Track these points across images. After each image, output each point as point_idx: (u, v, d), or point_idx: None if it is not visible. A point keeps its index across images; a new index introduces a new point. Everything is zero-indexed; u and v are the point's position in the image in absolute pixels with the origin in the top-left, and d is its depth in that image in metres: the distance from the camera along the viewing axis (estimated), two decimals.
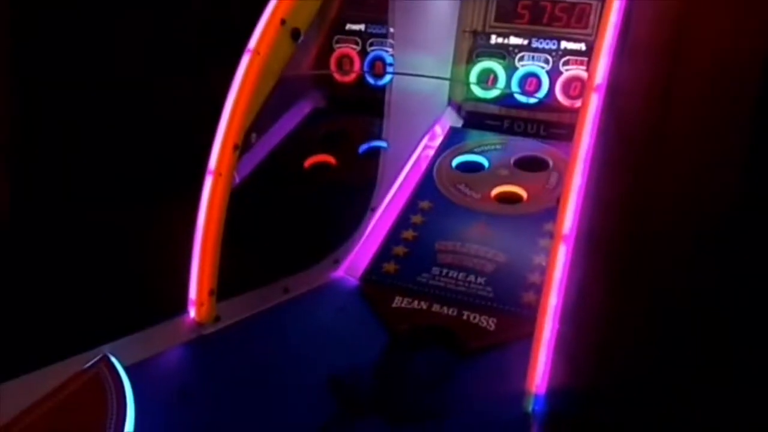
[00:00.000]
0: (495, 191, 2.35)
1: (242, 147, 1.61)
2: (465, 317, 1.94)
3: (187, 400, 1.44)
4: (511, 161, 2.44)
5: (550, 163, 2.41)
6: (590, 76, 1.34)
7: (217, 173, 1.53)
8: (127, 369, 1.30)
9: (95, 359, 1.30)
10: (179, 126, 2.16)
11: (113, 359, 1.31)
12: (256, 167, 2.47)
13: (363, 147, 2.58)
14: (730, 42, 2.12)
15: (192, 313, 1.57)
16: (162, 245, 1.65)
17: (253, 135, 1.58)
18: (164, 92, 2.28)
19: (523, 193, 2.32)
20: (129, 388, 1.26)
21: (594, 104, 1.30)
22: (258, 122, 2.29)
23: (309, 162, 2.61)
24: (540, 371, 1.29)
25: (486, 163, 2.47)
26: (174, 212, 1.66)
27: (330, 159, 2.62)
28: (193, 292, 1.55)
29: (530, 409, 1.27)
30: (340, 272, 2.09)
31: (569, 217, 1.27)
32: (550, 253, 1.29)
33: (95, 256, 1.85)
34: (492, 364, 1.80)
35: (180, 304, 1.60)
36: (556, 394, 1.48)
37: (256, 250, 2.05)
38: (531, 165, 2.42)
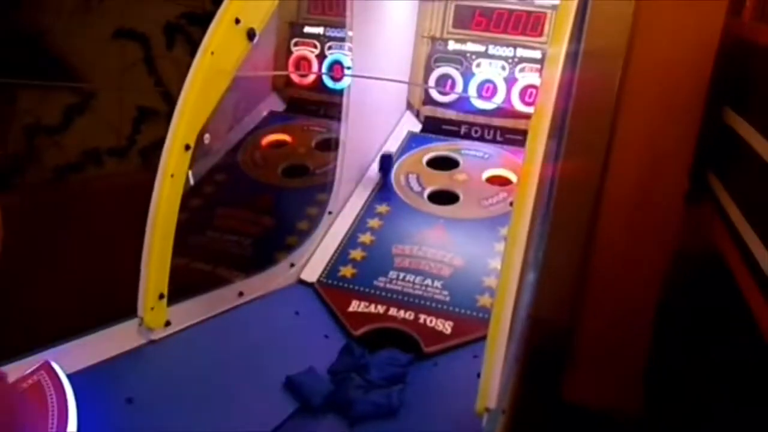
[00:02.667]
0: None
1: (195, 148, 1.57)
2: (422, 320, 1.95)
3: (135, 407, 1.39)
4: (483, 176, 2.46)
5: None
6: (543, 82, 1.36)
7: (168, 174, 1.49)
8: (70, 376, 1.24)
9: (35, 366, 1.24)
10: None
11: (55, 366, 1.25)
12: (211, 169, 2.44)
13: (318, 138, 2.58)
14: (680, 49, 2.20)
15: (141, 317, 1.52)
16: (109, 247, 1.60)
17: (207, 136, 1.54)
18: None
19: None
20: (71, 396, 1.21)
21: (547, 109, 1.32)
22: (213, 124, 2.26)
23: (266, 141, 2.59)
24: (494, 374, 1.29)
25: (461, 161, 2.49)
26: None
27: (287, 138, 2.61)
28: (141, 296, 1.51)
29: (482, 410, 1.27)
30: (296, 276, 2.06)
31: (523, 221, 1.28)
32: (504, 256, 1.30)
33: (39, 258, 1.78)
34: (447, 366, 1.81)
35: (128, 308, 1.55)
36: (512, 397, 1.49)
37: (210, 253, 2.02)
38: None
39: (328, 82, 2.80)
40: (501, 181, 2.41)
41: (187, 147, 1.51)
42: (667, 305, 2.53)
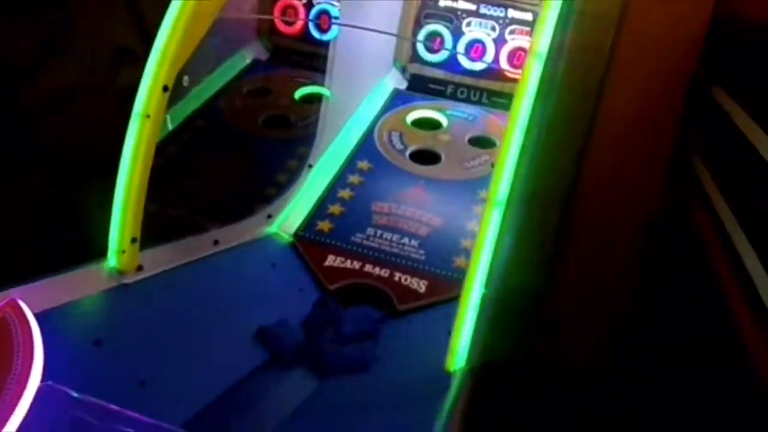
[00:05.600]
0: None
1: (174, 90, 1.52)
2: (397, 278, 1.95)
3: (104, 350, 1.38)
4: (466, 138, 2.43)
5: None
6: (533, 44, 1.33)
7: (144, 115, 1.45)
8: (36, 316, 1.22)
9: (1, 302, 1.21)
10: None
11: (22, 304, 1.23)
12: (192, 115, 2.38)
13: (301, 91, 2.53)
14: (673, 18, 2.17)
15: (112, 260, 1.50)
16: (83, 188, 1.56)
17: (185, 78, 1.49)
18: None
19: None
20: (38, 334, 1.19)
21: (534, 72, 1.30)
22: (194, 67, 2.19)
23: (248, 89, 2.54)
24: (464, 333, 1.30)
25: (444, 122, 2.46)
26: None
27: (270, 88, 2.56)
28: (113, 239, 1.48)
29: (452, 368, 1.29)
30: (273, 227, 2.04)
31: (503, 183, 1.27)
32: (482, 218, 1.30)
33: (10, 197, 1.73)
34: (420, 324, 1.82)
35: (100, 251, 1.52)
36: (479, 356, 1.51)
37: (187, 200, 1.98)
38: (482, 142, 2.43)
39: (315, 33, 2.72)
40: (484, 144, 2.40)
41: (165, 88, 1.47)
42: (641, 275, 2.57)
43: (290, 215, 2.08)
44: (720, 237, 1.82)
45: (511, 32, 2.55)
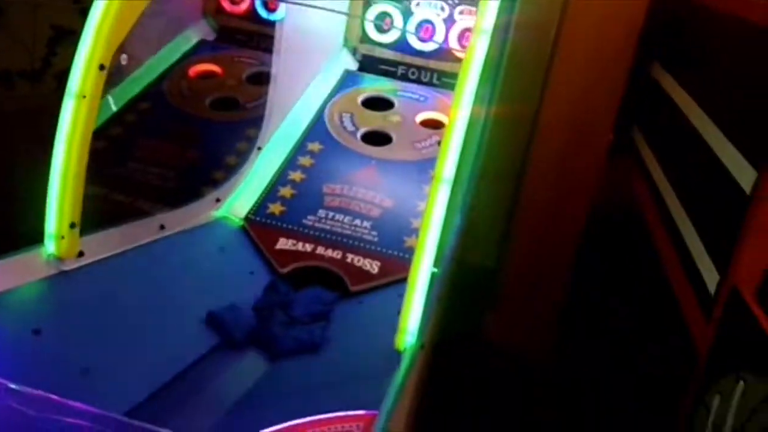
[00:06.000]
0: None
1: (111, 69, 1.46)
2: (349, 260, 1.95)
3: (43, 339, 1.33)
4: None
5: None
6: (477, 21, 1.33)
7: (80, 95, 1.39)
8: None
9: None
10: None
11: None
12: (136, 96, 2.30)
13: (249, 71, 2.48)
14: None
15: (50, 246, 1.44)
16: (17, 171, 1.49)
17: (123, 56, 1.43)
18: None
19: None
20: None
21: (479, 50, 1.30)
22: (137, 48, 2.12)
23: (194, 71, 2.46)
24: (413, 312, 1.31)
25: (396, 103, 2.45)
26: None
27: (216, 69, 2.49)
28: (51, 224, 1.42)
29: (401, 347, 1.30)
30: (222, 211, 2.01)
31: (449, 161, 1.28)
32: (429, 196, 1.30)
33: None
34: (372, 305, 1.83)
35: (38, 236, 1.46)
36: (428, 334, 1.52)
37: (131, 184, 1.92)
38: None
39: (262, 12, 2.66)
40: (435, 124, 2.40)
41: (102, 67, 1.41)
42: (586, 252, 2.64)
43: (240, 199, 2.04)
44: (656, 203, 1.88)
45: (461, 12, 2.55)
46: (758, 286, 1.31)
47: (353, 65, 2.67)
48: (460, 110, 1.24)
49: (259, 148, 2.15)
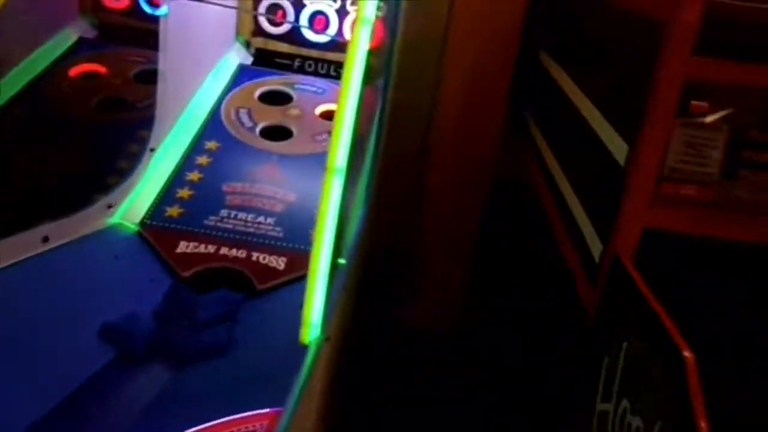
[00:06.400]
0: None
1: None
2: (255, 258, 1.92)
3: None
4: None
5: None
6: (359, 10, 1.33)
7: None
8: None
9: None
10: None
11: None
12: (11, 100, 2.14)
13: (137, 69, 2.37)
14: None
15: None
16: None
17: None
18: None
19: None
20: None
21: (362, 38, 1.31)
22: (8, 48, 1.97)
23: (76, 71, 2.33)
24: (315, 304, 1.31)
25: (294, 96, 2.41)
26: None
27: (100, 68, 2.36)
28: None
29: (306, 340, 1.30)
30: (115, 218, 1.91)
31: (340, 151, 1.28)
32: (323, 187, 1.30)
33: None
34: (280, 302, 1.81)
35: None
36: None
37: (9, 195, 1.79)
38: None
39: (146, 7, 2.55)
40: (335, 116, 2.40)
41: None
42: (490, 230, 2.74)
43: (134, 203, 1.96)
44: (546, 180, 1.99)
45: (353, 3, 2.56)
46: (635, 252, 1.41)
47: (247, 59, 2.61)
48: (346, 100, 1.25)
49: (152, 150, 2.06)
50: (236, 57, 2.57)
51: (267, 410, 1.12)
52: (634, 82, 1.46)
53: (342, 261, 1.79)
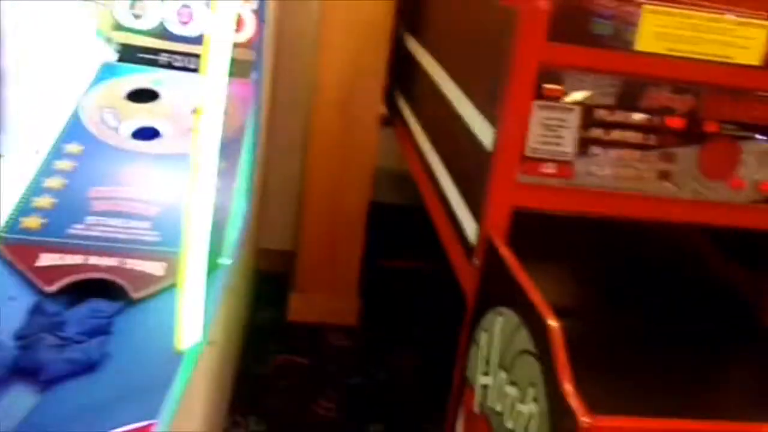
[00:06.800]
0: None
1: None
2: (129, 266, 1.80)
3: None
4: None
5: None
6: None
7: None
8: None
9: None
10: None
11: None
12: None
13: None
14: None
15: None
16: None
17: None
18: None
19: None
20: None
21: (223, 30, 1.27)
22: None
23: None
24: (191, 309, 1.26)
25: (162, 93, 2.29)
26: None
27: None
28: None
29: (181, 347, 1.24)
30: None
31: (203, 147, 1.24)
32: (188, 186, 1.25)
33: None
34: (159, 309, 1.71)
35: None
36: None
37: None
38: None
39: None
40: None
41: None
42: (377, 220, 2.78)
43: None
44: (423, 164, 2.05)
45: None
46: (505, 231, 1.48)
47: (111, 56, 2.45)
48: (208, 95, 1.20)
49: (1, 156, 1.88)
50: (97, 54, 2.41)
51: (140, 424, 1.06)
52: (494, 67, 1.52)
53: (223, 261, 1.74)
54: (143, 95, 2.32)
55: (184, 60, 2.48)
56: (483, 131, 1.53)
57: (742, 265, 1.74)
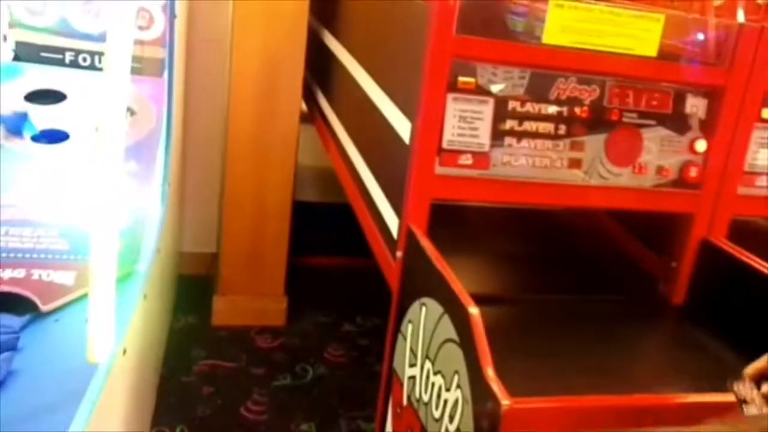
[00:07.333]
0: None
1: None
2: (36, 276, 1.71)
3: None
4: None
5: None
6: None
7: None
8: None
9: None
10: None
11: None
12: None
13: None
14: None
15: None
16: None
17: None
18: None
19: None
20: None
21: (121, 27, 1.22)
22: None
23: None
24: (100, 319, 1.20)
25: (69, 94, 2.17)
26: None
27: None
28: None
29: (94, 359, 1.19)
30: None
31: (107, 148, 1.19)
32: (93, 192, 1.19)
33: None
34: (71, 321, 1.63)
35: None
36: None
37: None
38: None
39: None
40: None
41: None
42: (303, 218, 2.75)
43: None
44: (345, 160, 2.05)
45: None
46: (425, 223, 1.50)
47: (8, 55, 2.30)
48: (108, 94, 1.15)
49: None
50: None
51: None
52: (409, 61, 1.54)
53: (139, 267, 1.68)
54: (48, 96, 2.19)
55: (92, 58, 2.36)
56: (400, 125, 1.55)
57: (647, 246, 1.84)
